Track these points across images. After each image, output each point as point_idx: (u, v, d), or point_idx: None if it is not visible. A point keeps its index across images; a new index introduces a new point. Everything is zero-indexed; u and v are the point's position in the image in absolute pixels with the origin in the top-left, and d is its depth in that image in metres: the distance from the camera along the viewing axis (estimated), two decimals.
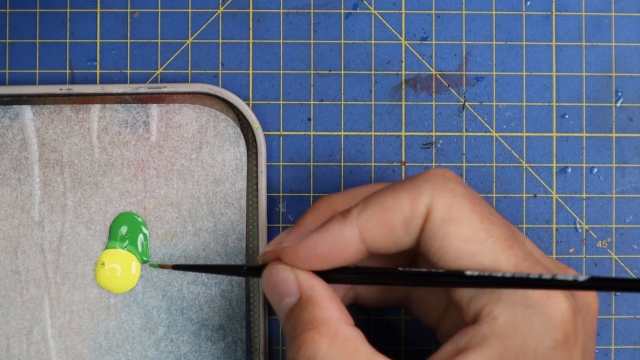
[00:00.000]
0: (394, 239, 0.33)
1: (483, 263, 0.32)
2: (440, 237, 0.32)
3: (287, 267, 0.34)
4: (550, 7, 0.44)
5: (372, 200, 0.33)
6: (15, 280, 0.42)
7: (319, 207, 0.37)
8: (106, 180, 0.42)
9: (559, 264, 0.37)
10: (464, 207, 0.33)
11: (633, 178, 0.44)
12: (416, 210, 0.33)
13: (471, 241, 0.32)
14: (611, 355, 0.43)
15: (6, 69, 0.43)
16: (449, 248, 0.32)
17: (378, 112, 0.44)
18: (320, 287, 0.34)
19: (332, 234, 0.33)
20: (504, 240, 0.32)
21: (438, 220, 0.32)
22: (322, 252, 0.34)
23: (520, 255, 0.32)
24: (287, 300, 0.34)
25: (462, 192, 0.33)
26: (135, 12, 0.44)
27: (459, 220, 0.32)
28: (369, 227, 0.33)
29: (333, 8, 0.44)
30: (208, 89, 0.42)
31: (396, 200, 0.33)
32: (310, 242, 0.34)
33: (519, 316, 0.32)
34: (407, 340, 0.43)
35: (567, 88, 0.44)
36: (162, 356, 0.42)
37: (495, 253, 0.32)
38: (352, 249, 0.33)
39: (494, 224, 0.33)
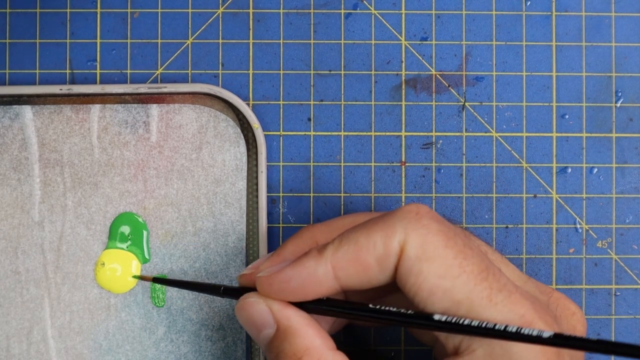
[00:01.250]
0: (368, 277, 0.34)
1: (456, 298, 0.32)
2: (415, 274, 0.33)
3: (259, 299, 0.35)
4: (550, 7, 0.44)
5: (346, 239, 0.34)
6: (15, 280, 0.42)
7: (300, 236, 0.37)
8: (106, 180, 0.42)
9: (543, 287, 0.37)
10: (438, 243, 0.33)
11: (633, 178, 0.44)
12: (389, 248, 0.33)
13: (444, 277, 0.32)
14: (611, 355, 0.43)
15: (6, 69, 0.43)
16: (423, 285, 0.32)
17: (378, 112, 0.44)
18: (296, 315, 0.34)
19: (306, 270, 0.34)
20: (477, 274, 0.32)
21: (411, 258, 0.33)
22: (295, 286, 0.34)
23: (495, 287, 0.32)
24: (265, 332, 0.35)
25: (436, 228, 0.33)
26: (135, 12, 0.44)
27: (433, 257, 0.33)
28: (343, 266, 0.33)
29: (333, 8, 0.44)
30: (208, 89, 0.42)
31: (369, 239, 0.33)
32: (284, 275, 0.34)
33: (497, 348, 0.32)
34: (407, 341, 0.43)
35: (567, 88, 0.44)
36: (162, 356, 0.42)
37: (469, 288, 0.32)
38: (326, 285, 0.34)
39: (468, 257, 0.33)
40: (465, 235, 0.35)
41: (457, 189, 0.43)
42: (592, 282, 0.44)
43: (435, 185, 0.43)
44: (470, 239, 0.36)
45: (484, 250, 0.36)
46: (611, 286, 0.44)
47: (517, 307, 0.32)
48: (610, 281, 0.44)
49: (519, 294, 0.33)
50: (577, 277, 0.43)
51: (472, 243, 0.34)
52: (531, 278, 0.37)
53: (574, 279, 0.43)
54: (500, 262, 0.37)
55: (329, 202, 0.43)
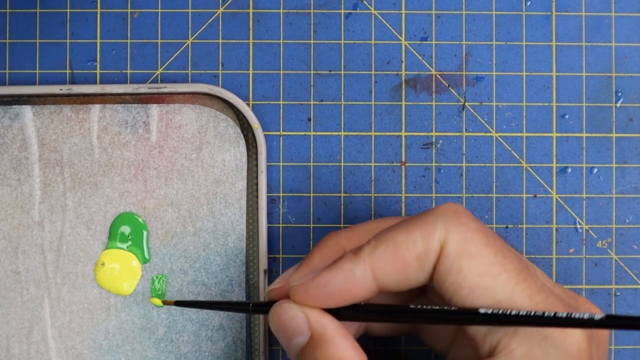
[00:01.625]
0: (407, 276, 0.33)
1: (497, 297, 0.32)
2: (455, 272, 0.32)
3: (295, 305, 0.34)
4: (550, 7, 0.44)
5: (384, 238, 0.33)
6: (15, 280, 0.42)
7: (326, 244, 0.37)
8: (106, 180, 0.42)
9: (570, 292, 0.37)
10: (478, 241, 0.32)
11: (633, 178, 0.44)
12: (429, 246, 0.33)
13: (485, 275, 0.32)
14: (611, 355, 0.43)
15: (6, 69, 0.43)
16: (464, 283, 0.32)
17: (378, 112, 0.44)
18: (332, 324, 0.34)
19: (344, 272, 0.33)
20: (517, 274, 0.32)
21: (452, 255, 0.32)
22: (334, 290, 0.33)
23: (534, 288, 0.32)
24: (298, 340, 0.34)
25: (475, 226, 0.33)
26: (135, 12, 0.44)
27: (473, 255, 0.32)
28: (382, 265, 0.33)
29: (333, 8, 0.44)
30: (208, 89, 0.42)
31: (409, 236, 0.33)
32: (322, 280, 0.33)
33: (535, 348, 0.32)
34: (407, 341, 0.43)
35: (567, 88, 0.44)
36: (162, 356, 0.42)
37: (510, 287, 0.32)
38: (364, 287, 0.33)
39: (508, 257, 0.33)
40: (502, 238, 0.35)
41: (457, 189, 0.43)
42: (592, 282, 0.44)
43: (435, 185, 0.43)
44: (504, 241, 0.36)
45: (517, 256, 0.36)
46: (611, 286, 0.44)
47: (555, 308, 0.32)
48: (610, 281, 0.44)
49: (554, 297, 0.33)
50: (577, 277, 0.43)
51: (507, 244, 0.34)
52: (557, 283, 0.37)
53: (574, 279, 0.43)
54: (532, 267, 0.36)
55: (329, 202, 0.43)
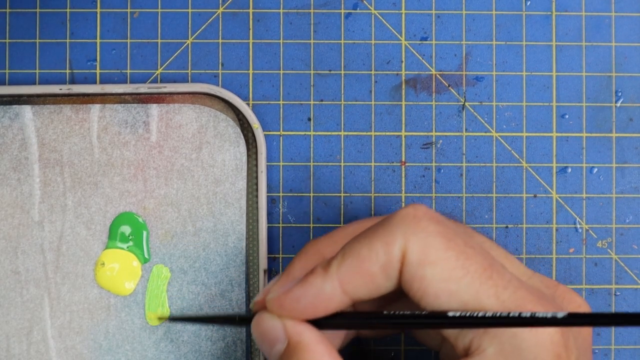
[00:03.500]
0: (376, 286, 0.34)
1: (464, 300, 0.32)
2: (418, 279, 0.33)
3: (273, 315, 0.35)
4: (550, 7, 0.44)
5: (348, 252, 0.34)
6: (15, 280, 0.42)
7: (305, 253, 0.37)
8: (106, 180, 0.42)
9: (548, 281, 0.37)
10: (438, 246, 0.33)
11: (633, 178, 0.44)
12: (391, 255, 0.33)
13: (449, 280, 0.32)
14: (611, 355, 0.43)
15: (6, 69, 0.43)
16: (428, 289, 0.33)
17: (378, 112, 0.44)
18: (308, 332, 0.34)
19: (314, 288, 0.34)
20: (481, 273, 0.33)
21: (414, 263, 0.33)
22: (305, 305, 0.34)
23: (500, 285, 0.32)
24: (277, 347, 0.34)
25: (435, 230, 0.33)
26: (135, 12, 0.44)
27: (434, 261, 0.33)
28: (349, 279, 0.33)
29: (333, 8, 0.44)
30: (208, 89, 0.42)
31: (371, 248, 0.33)
32: (294, 295, 0.34)
33: (506, 345, 0.32)
34: (407, 341, 0.43)
35: (567, 88, 0.44)
36: (162, 356, 0.42)
37: (474, 288, 0.32)
38: (335, 301, 0.34)
39: (470, 258, 0.33)
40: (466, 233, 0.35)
41: (457, 189, 0.43)
42: (592, 282, 0.44)
43: (435, 185, 0.43)
44: (472, 237, 0.36)
45: (487, 247, 0.36)
46: (611, 286, 0.44)
47: (524, 302, 0.32)
48: (610, 281, 0.44)
49: (524, 289, 0.33)
50: (577, 277, 0.43)
51: (473, 241, 0.34)
52: (536, 272, 0.37)
53: (574, 279, 0.43)
54: (505, 258, 0.37)
55: (329, 202, 0.43)
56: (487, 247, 0.36)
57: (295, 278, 0.36)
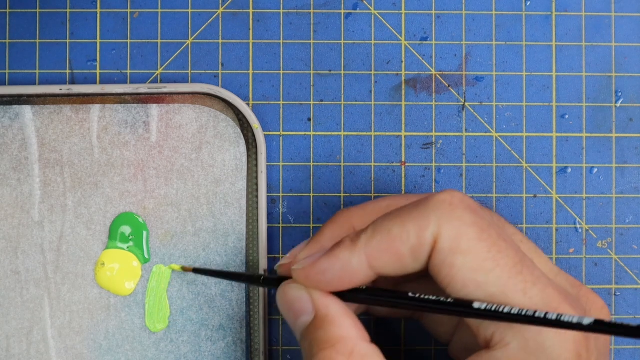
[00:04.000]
0: (402, 266, 0.34)
1: (491, 292, 0.32)
2: (448, 266, 0.33)
3: (301, 286, 0.35)
4: (550, 7, 0.44)
5: (379, 228, 0.34)
6: (15, 280, 0.42)
7: (336, 221, 0.37)
8: (106, 180, 0.42)
9: (573, 280, 0.37)
10: (471, 236, 0.33)
11: (633, 178, 0.44)
12: (423, 239, 0.33)
13: (478, 271, 0.32)
14: (611, 355, 0.43)
15: (6, 69, 0.43)
16: (456, 277, 0.32)
17: (378, 112, 0.44)
18: (335, 304, 0.34)
19: (341, 261, 0.34)
20: (511, 268, 0.32)
21: (445, 250, 0.33)
22: (332, 277, 0.34)
23: (529, 280, 0.32)
24: (303, 319, 0.34)
25: (470, 219, 0.33)
26: (135, 12, 0.44)
27: (466, 250, 0.32)
28: (377, 255, 0.33)
29: (333, 8, 0.44)
30: (208, 89, 0.42)
31: (403, 229, 0.33)
32: (320, 267, 0.34)
33: (530, 341, 0.32)
34: (408, 341, 0.43)
35: (567, 88, 0.44)
36: (162, 356, 0.42)
37: (503, 282, 0.32)
38: (361, 275, 0.34)
39: (502, 251, 0.33)
40: (499, 225, 0.35)
41: (457, 188, 0.43)
42: (592, 282, 0.44)
43: (435, 185, 0.43)
44: (504, 229, 0.36)
45: (518, 240, 0.36)
46: (611, 286, 0.44)
47: (551, 301, 0.32)
48: (610, 281, 0.44)
49: (552, 288, 0.33)
50: (577, 277, 0.43)
51: (506, 234, 0.34)
52: (562, 271, 0.37)
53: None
54: (534, 253, 0.36)
55: (329, 202, 0.43)
56: (517, 240, 0.36)
57: (323, 246, 0.35)
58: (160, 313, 0.42)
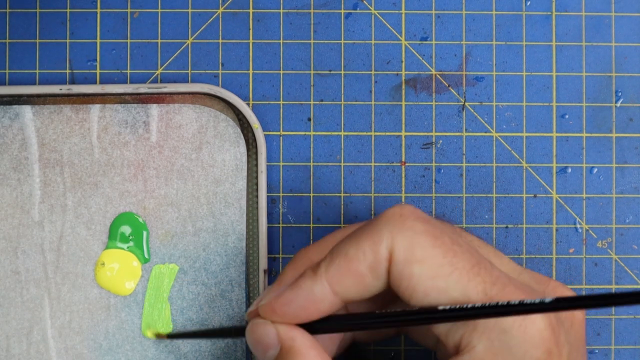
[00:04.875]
0: (365, 286, 0.34)
1: (452, 296, 0.32)
2: (407, 277, 0.33)
3: (267, 321, 0.35)
4: (550, 7, 0.44)
5: (336, 253, 0.34)
6: (15, 280, 0.42)
7: (296, 261, 0.37)
8: (106, 180, 0.42)
9: (539, 276, 0.37)
10: (425, 244, 0.33)
11: (633, 178, 0.44)
12: (378, 255, 0.33)
13: (437, 277, 0.32)
14: (611, 355, 0.43)
15: (6, 69, 0.43)
16: (417, 287, 0.33)
17: (378, 112, 0.44)
18: (300, 337, 0.34)
19: (304, 290, 0.34)
20: (469, 270, 0.33)
21: (401, 262, 0.33)
22: (297, 308, 0.34)
23: (488, 281, 0.33)
24: (270, 353, 0.35)
25: (422, 228, 0.33)
26: (135, 12, 0.44)
27: (422, 259, 0.33)
28: (338, 280, 0.34)
29: (333, 8, 0.44)
30: (208, 89, 0.42)
31: (358, 248, 0.33)
32: (285, 299, 0.34)
33: (495, 342, 0.32)
34: (407, 341, 0.43)
35: (567, 88, 0.44)
36: (162, 356, 0.42)
37: (462, 284, 0.32)
38: (326, 302, 0.34)
39: (457, 255, 0.33)
40: (453, 232, 0.35)
41: (457, 189, 0.43)
42: (592, 282, 0.44)
43: (435, 185, 0.43)
44: (460, 235, 0.36)
45: (476, 245, 0.36)
46: (611, 286, 0.44)
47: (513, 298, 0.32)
48: (610, 281, 0.44)
49: (512, 285, 0.33)
50: (577, 277, 0.43)
51: (460, 239, 0.34)
52: (526, 269, 0.37)
53: (574, 279, 0.43)
54: (494, 256, 0.37)
55: (329, 202, 0.43)
56: (475, 245, 0.36)
57: (286, 284, 0.36)
58: (160, 320, 0.42)
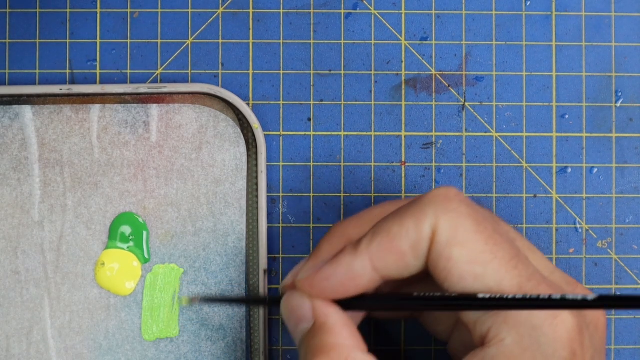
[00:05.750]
0: (405, 265, 0.34)
1: (487, 284, 0.32)
2: (445, 258, 0.33)
3: (304, 294, 0.35)
4: (550, 7, 0.44)
5: (379, 229, 0.34)
6: (15, 280, 0.42)
7: (332, 234, 0.37)
8: (106, 180, 0.42)
9: (569, 278, 0.37)
10: (468, 227, 0.33)
11: (633, 178, 0.44)
12: (421, 233, 0.33)
13: (475, 263, 0.32)
14: (611, 355, 0.43)
15: (6, 69, 0.43)
16: (454, 270, 0.32)
17: (378, 112, 0.44)
18: (335, 314, 0.34)
19: (344, 266, 0.34)
20: (508, 261, 0.32)
21: (442, 242, 0.33)
22: (336, 284, 0.34)
23: (524, 275, 0.32)
24: (302, 326, 0.35)
25: (466, 211, 0.33)
26: (135, 12, 0.44)
27: (463, 242, 0.32)
28: (380, 257, 0.33)
29: (333, 8, 0.44)
30: (208, 89, 0.42)
31: (402, 226, 0.33)
32: (324, 274, 0.34)
33: (525, 337, 0.32)
34: (408, 341, 0.43)
35: (567, 88, 0.44)
36: (162, 356, 0.42)
37: (500, 275, 0.32)
38: (366, 279, 0.34)
39: (498, 244, 0.33)
40: (494, 220, 0.35)
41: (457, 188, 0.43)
42: (592, 282, 0.44)
43: (435, 185, 0.43)
44: (499, 224, 0.36)
45: (513, 237, 0.36)
46: (611, 286, 0.44)
47: None
48: (610, 281, 0.44)
49: (546, 284, 0.33)
50: (577, 277, 0.43)
51: (501, 229, 0.34)
52: (558, 268, 0.37)
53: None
54: (528, 250, 0.36)
55: (329, 202, 0.43)
56: (512, 237, 0.36)
57: (323, 259, 0.35)
58: (160, 323, 0.42)
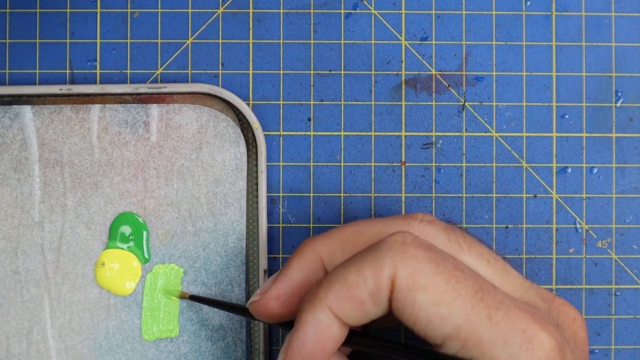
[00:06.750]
0: (365, 312, 0.34)
1: (456, 323, 0.32)
2: (410, 304, 0.33)
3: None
4: (550, 7, 0.44)
5: (336, 278, 0.34)
6: (15, 280, 0.42)
7: (302, 252, 0.37)
8: (106, 180, 0.42)
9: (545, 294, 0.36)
10: (427, 271, 0.33)
11: (633, 178, 0.44)
12: (380, 282, 0.33)
13: (439, 304, 0.32)
14: (611, 355, 0.43)
15: (6, 69, 0.43)
16: (420, 314, 0.32)
17: (378, 112, 0.44)
18: None
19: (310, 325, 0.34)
20: (472, 296, 0.32)
21: (404, 289, 0.33)
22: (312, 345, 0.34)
23: (492, 306, 0.32)
24: None
25: (424, 255, 0.33)
26: (135, 12, 0.44)
27: (424, 286, 0.32)
28: (339, 305, 0.33)
29: (333, 8, 0.44)
30: (208, 89, 0.42)
31: (359, 275, 0.33)
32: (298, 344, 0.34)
33: None
34: (407, 341, 0.43)
35: (567, 88, 0.44)
36: (162, 356, 0.42)
37: (466, 310, 0.32)
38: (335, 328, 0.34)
39: (460, 281, 0.33)
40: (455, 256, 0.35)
41: (457, 189, 0.43)
42: (592, 282, 0.44)
43: (435, 185, 0.43)
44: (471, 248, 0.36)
45: (486, 258, 0.36)
46: (611, 286, 0.44)
47: (518, 322, 0.32)
48: (610, 281, 0.44)
49: (517, 308, 0.33)
50: (577, 277, 0.43)
51: (463, 264, 0.34)
52: (533, 284, 0.37)
53: (574, 279, 0.43)
54: (502, 271, 0.36)
55: (329, 202, 0.43)
56: (485, 260, 0.36)
57: (292, 278, 0.36)
58: (160, 323, 0.42)
